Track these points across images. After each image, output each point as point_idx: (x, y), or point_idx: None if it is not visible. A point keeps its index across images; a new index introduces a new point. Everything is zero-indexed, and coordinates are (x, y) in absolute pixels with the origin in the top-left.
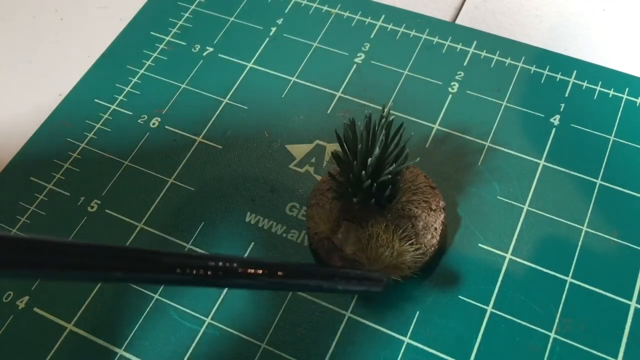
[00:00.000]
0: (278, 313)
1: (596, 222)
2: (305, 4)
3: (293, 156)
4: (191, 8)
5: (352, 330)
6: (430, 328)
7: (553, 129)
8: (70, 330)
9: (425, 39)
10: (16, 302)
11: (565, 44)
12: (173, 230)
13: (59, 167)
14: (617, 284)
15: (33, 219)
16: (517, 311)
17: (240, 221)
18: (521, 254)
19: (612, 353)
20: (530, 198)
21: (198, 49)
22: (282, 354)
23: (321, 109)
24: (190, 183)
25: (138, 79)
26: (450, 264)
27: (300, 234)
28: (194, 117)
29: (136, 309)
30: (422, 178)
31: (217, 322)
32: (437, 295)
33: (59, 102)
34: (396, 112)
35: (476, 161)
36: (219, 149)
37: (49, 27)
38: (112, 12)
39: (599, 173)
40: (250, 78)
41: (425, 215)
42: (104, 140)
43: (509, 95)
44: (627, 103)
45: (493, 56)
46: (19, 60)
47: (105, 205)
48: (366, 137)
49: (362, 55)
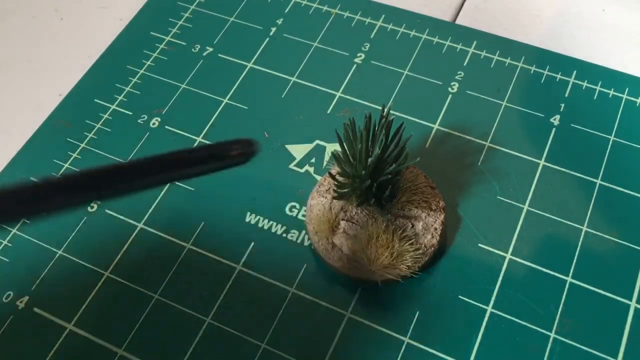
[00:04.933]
0: (278, 313)
1: (596, 222)
2: (305, 4)
3: (293, 156)
4: (191, 8)
5: (352, 330)
6: (430, 328)
7: (553, 129)
8: (70, 330)
9: (425, 39)
10: (16, 302)
11: (565, 44)
12: (173, 230)
13: (59, 167)
14: (617, 284)
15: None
16: (517, 311)
17: (240, 221)
18: (521, 254)
19: (612, 353)
20: (530, 198)
21: (198, 49)
22: (282, 354)
23: (321, 109)
24: (190, 183)
25: (138, 79)
26: (450, 264)
27: (300, 234)
28: (194, 117)
29: (136, 309)
30: (422, 178)
31: (217, 322)
32: (437, 295)
33: (59, 102)
34: (396, 112)
35: (476, 161)
36: None
37: (49, 27)
38: (112, 12)
39: (599, 173)
40: (250, 78)
41: (425, 215)
42: (104, 140)
43: (509, 95)
44: (627, 103)
45: (493, 56)
46: (18, 60)
47: (105, 205)
48: (366, 137)
49: (362, 55)
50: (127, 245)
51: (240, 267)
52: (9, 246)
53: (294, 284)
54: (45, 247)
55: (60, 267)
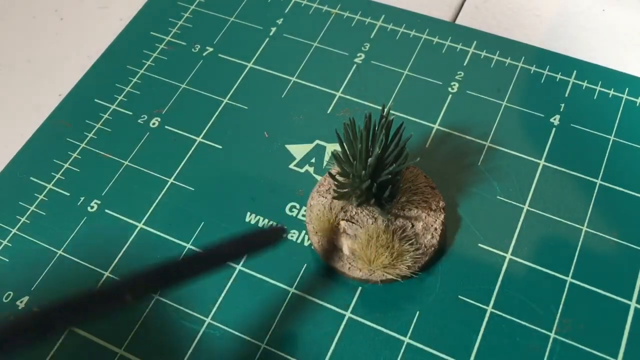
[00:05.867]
0: (278, 313)
1: (596, 222)
2: (305, 4)
3: (293, 156)
4: (191, 8)
5: (352, 330)
6: (430, 328)
7: (553, 129)
8: (71, 330)
9: (425, 39)
10: (16, 302)
11: (565, 44)
12: (173, 230)
13: (59, 167)
14: (617, 284)
15: (33, 219)
16: (517, 311)
17: (240, 221)
18: (521, 254)
19: (612, 353)
20: (530, 198)
21: (198, 49)
22: (282, 354)
23: (321, 109)
24: (190, 183)
25: (138, 79)
26: (450, 264)
27: (300, 234)
28: (194, 117)
29: (136, 309)
30: (422, 178)
31: (217, 322)
32: (437, 295)
33: (58, 102)
34: (396, 112)
35: (476, 161)
36: (219, 149)
37: (49, 27)
38: (112, 12)
39: (599, 173)
40: (250, 78)
41: (425, 215)
42: (104, 140)
43: (509, 95)
44: (627, 103)
45: (493, 56)
46: (18, 60)
47: (105, 205)
48: (366, 137)
49: (362, 55)
50: (127, 245)
51: (240, 267)
52: (9, 246)
53: (294, 284)
54: (45, 247)
55: (60, 267)
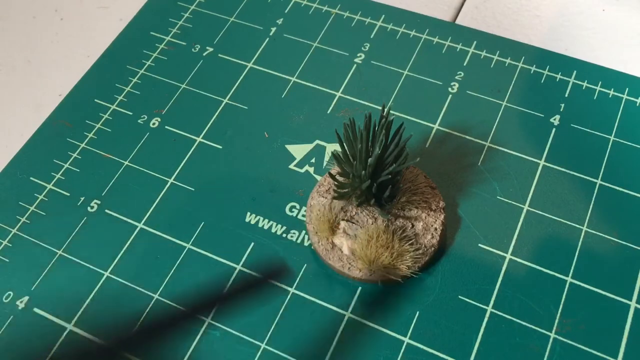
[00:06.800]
0: (278, 313)
1: (596, 222)
2: (305, 4)
3: (293, 156)
4: (191, 8)
5: (352, 330)
6: (430, 328)
7: (553, 129)
8: (70, 330)
9: (425, 39)
10: (16, 302)
11: (565, 44)
12: (173, 230)
13: (59, 167)
14: (617, 284)
15: (33, 219)
16: (517, 311)
17: (240, 221)
18: (521, 254)
19: (612, 353)
20: (530, 198)
21: (198, 49)
22: (282, 354)
23: (321, 109)
24: (190, 183)
25: (138, 79)
26: (450, 264)
27: (300, 234)
28: (194, 117)
29: (136, 309)
30: (422, 178)
31: (217, 323)
32: (437, 295)
33: (59, 102)
34: (396, 112)
35: (476, 161)
36: (219, 149)
37: (49, 27)
38: (112, 12)
39: (599, 173)
40: (250, 78)
41: (425, 215)
42: (104, 140)
43: (509, 95)
44: (627, 103)
45: (493, 56)
46: (18, 60)
47: (105, 205)
48: (366, 137)
49: (362, 55)
50: (127, 245)
51: (240, 267)
52: (9, 246)
53: (294, 284)
54: (45, 247)
55: (60, 267)
